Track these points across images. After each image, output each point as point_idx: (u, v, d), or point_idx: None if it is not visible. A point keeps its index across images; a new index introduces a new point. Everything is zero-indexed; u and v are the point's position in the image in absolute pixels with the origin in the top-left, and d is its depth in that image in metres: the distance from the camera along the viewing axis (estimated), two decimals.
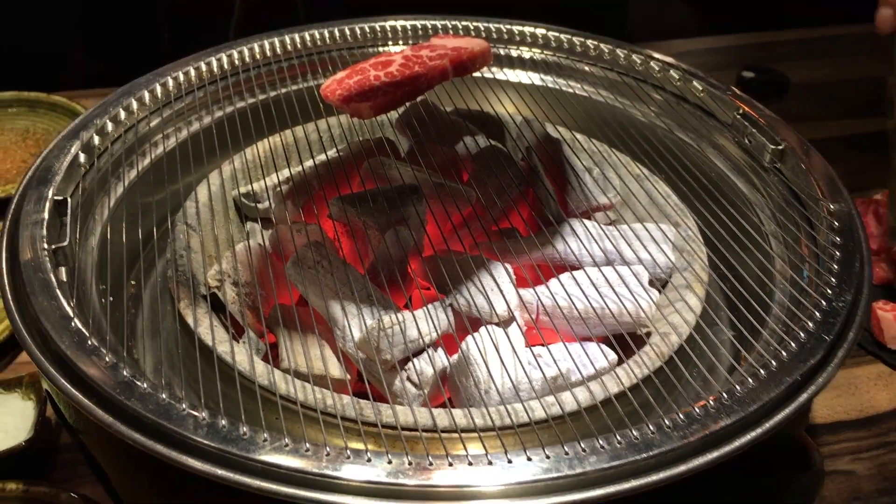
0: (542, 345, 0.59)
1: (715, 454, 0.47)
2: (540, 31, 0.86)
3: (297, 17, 1.38)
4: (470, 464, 0.45)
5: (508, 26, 0.88)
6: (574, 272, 0.64)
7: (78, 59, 1.67)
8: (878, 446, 0.77)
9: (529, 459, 0.46)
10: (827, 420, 0.79)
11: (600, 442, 0.46)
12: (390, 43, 0.87)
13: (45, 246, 0.58)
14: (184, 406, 0.47)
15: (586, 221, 0.69)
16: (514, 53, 0.87)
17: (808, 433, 0.77)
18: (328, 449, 0.45)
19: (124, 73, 1.64)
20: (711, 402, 0.48)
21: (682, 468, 0.46)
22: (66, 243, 0.59)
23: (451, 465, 0.45)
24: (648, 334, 0.61)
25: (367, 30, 0.87)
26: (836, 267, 0.58)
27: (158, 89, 0.75)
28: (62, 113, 1.13)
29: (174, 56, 1.60)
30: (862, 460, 0.75)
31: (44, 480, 0.68)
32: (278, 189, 0.72)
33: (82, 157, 0.67)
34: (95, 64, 1.66)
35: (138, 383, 0.49)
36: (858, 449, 0.77)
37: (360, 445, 0.47)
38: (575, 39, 0.85)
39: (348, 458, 0.45)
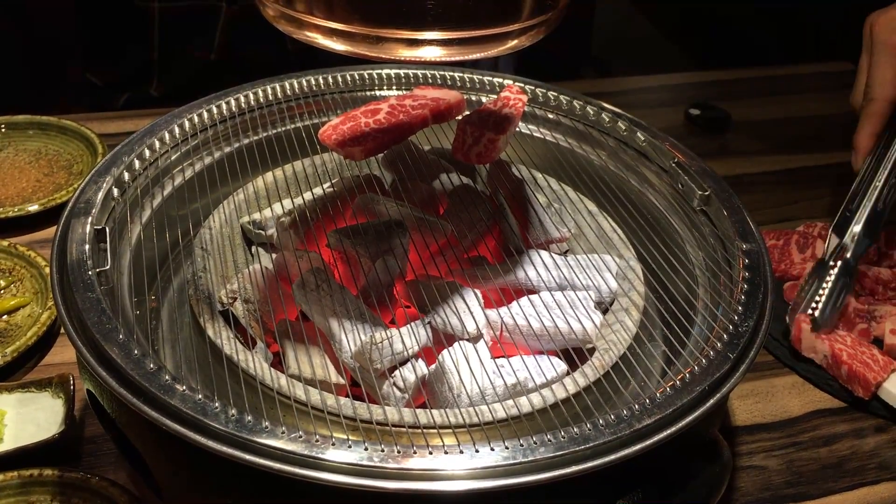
0: (505, 357, 0.71)
1: (638, 446, 0.59)
2: (508, 82, 0.99)
3: (286, 48, 1.48)
4: (445, 452, 0.57)
5: (480, 76, 1.00)
6: (532, 296, 0.77)
7: (72, 75, 1.74)
8: (789, 445, 0.90)
9: (492, 449, 0.57)
10: (746, 423, 0.92)
11: (548, 436, 0.58)
12: (377, 89, 0.99)
13: (91, 271, 0.69)
14: (216, 404, 0.59)
15: (543, 252, 0.81)
16: (485, 100, 0.99)
17: (730, 433, 0.90)
18: (334, 440, 0.57)
19: (119, 85, 1.72)
20: (636, 406, 0.61)
21: (612, 457, 0.58)
22: (107, 267, 0.70)
23: (430, 453, 0.57)
24: (592, 350, 0.74)
25: (358, 77, 0.98)
26: (743, 298, 0.71)
27: (176, 129, 0.86)
28: (72, 136, 1.23)
29: (163, 65, 1.68)
30: (774, 457, 0.88)
31: (74, 467, 0.79)
32: (282, 219, 0.84)
33: (115, 191, 0.78)
34: (91, 79, 1.73)
35: (177, 386, 0.60)
36: (772, 447, 0.89)
37: (357, 437, 0.58)
38: (538, 90, 0.97)
39: (349, 447, 0.57)
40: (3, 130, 1.24)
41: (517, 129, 0.96)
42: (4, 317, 0.96)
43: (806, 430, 0.91)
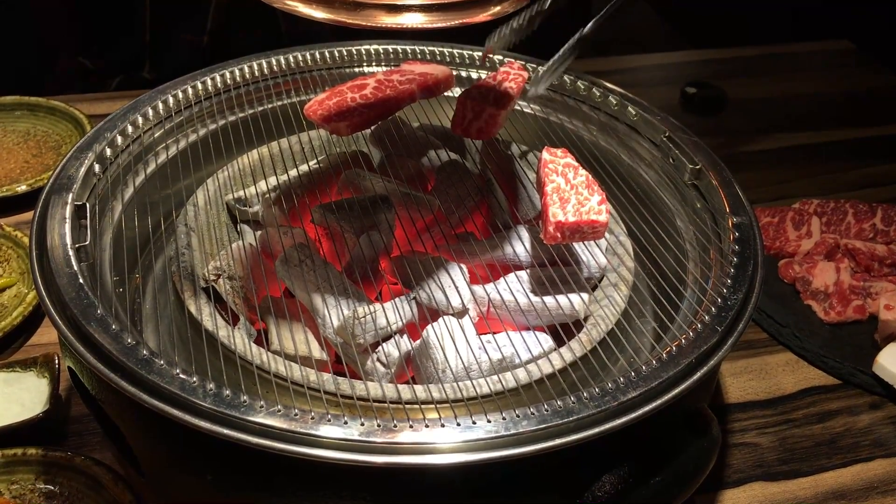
0: (491, 333, 0.70)
1: (623, 419, 0.58)
2: (497, 57, 0.97)
3: (279, 31, 1.47)
4: (426, 426, 0.56)
5: (469, 51, 0.98)
6: (520, 271, 0.76)
7: (64, 59, 1.73)
8: (782, 423, 0.89)
9: (474, 423, 0.56)
10: (739, 400, 0.91)
11: (531, 409, 0.57)
12: (365, 65, 0.98)
13: (70, 245, 0.68)
14: (194, 379, 0.57)
15: (532, 228, 0.80)
16: (475, 76, 0.98)
17: (722, 410, 0.89)
18: (313, 414, 0.56)
19: (111, 68, 1.70)
20: (621, 379, 0.60)
21: (596, 430, 0.57)
22: (87, 242, 0.69)
23: (411, 427, 0.56)
24: (580, 326, 0.73)
25: (345, 53, 0.97)
26: (732, 271, 0.70)
27: (160, 105, 0.85)
28: (60, 116, 1.22)
29: (156, 48, 1.67)
30: (766, 434, 0.87)
31: (59, 447, 0.78)
32: (267, 195, 0.83)
33: (97, 167, 0.77)
34: (83, 62, 1.72)
35: (156, 360, 0.59)
36: (765, 425, 0.88)
37: (338, 412, 0.57)
38: (528, 65, 0.95)
39: (329, 421, 0.56)
40: None
41: None
42: None
43: (800, 408, 0.91)
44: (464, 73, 0.98)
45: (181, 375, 0.58)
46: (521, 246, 0.77)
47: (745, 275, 0.70)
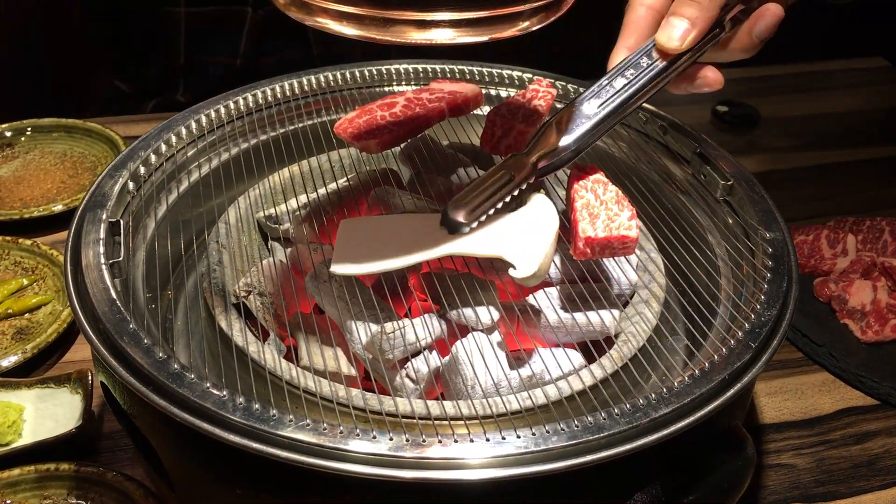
0: (520, 349, 0.70)
1: (655, 436, 0.57)
2: (527, 76, 0.97)
3: (311, 53, 1.48)
4: (455, 441, 0.56)
5: (499, 70, 0.99)
6: (549, 288, 0.75)
7: (101, 82, 1.77)
8: (819, 444, 0.87)
9: (503, 439, 0.56)
10: (775, 420, 0.89)
11: (561, 425, 0.57)
12: (394, 84, 0.98)
13: (104, 261, 0.68)
14: (224, 392, 0.58)
15: (563, 244, 0.80)
16: (504, 94, 0.98)
17: (757, 431, 0.88)
18: (342, 428, 0.56)
19: (146, 91, 1.73)
20: (653, 395, 0.59)
21: (627, 447, 0.56)
22: (120, 258, 0.70)
23: (440, 442, 0.56)
24: (611, 343, 0.72)
25: (375, 72, 0.98)
26: (766, 286, 0.69)
27: (193, 125, 0.86)
28: (97, 138, 1.24)
29: (190, 71, 1.69)
30: (803, 455, 0.86)
31: (91, 462, 0.79)
32: (297, 213, 0.83)
33: (131, 185, 0.78)
34: (119, 85, 1.75)
35: (186, 374, 0.59)
36: (801, 446, 0.87)
37: (366, 427, 0.57)
38: (558, 83, 0.96)
39: (357, 435, 0.56)
40: (29, 133, 1.26)
41: None
42: (26, 314, 0.96)
43: (837, 428, 0.89)
44: (493, 92, 0.98)
45: (211, 389, 0.58)
46: None
47: (779, 291, 0.69)
